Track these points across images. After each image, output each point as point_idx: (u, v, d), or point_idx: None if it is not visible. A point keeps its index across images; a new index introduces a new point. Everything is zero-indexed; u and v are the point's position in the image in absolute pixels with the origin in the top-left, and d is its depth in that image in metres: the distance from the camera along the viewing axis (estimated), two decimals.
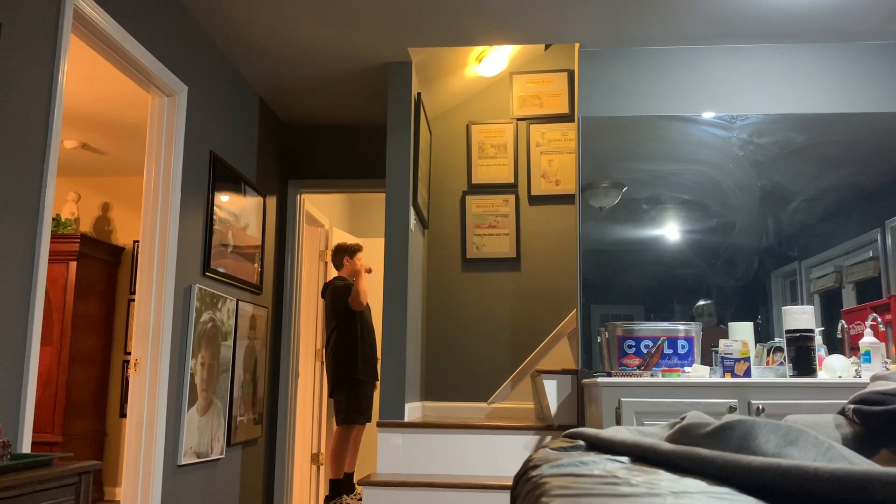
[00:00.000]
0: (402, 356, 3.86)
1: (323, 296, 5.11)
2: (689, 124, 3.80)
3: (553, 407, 3.68)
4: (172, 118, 3.38)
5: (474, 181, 4.82)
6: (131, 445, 3.19)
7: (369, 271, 4.95)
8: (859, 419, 1.71)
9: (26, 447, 2.34)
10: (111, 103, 4.53)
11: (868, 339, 3.15)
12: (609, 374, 3.33)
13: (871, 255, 3.57)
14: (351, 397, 4.73)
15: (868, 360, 3.12)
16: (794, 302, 3.60)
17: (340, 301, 4.83)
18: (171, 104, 3.38)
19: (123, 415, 5.68)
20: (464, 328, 4.68)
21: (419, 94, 4.28)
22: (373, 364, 4.85)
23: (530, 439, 3.62)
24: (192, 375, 3.50)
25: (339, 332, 4.83)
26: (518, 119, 4.88)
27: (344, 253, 5.03)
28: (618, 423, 3.01)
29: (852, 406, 1.75)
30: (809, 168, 3.72)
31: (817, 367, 3.10)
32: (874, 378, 1.97)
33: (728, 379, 3.09)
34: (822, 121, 3.74)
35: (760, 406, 2.97)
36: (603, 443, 1.64)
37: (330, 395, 4.87)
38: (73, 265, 5.36)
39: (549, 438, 3.59)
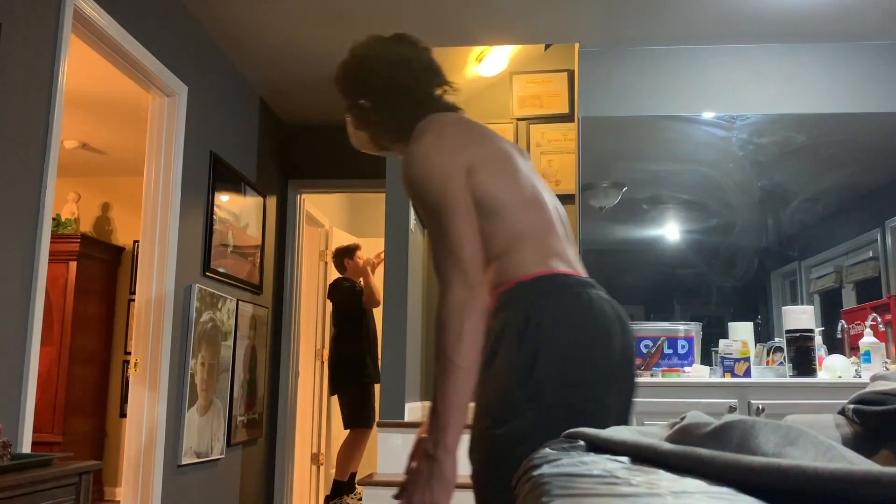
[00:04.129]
0: (402, 356, 3.86)
1: (330, 297, 5.09)
2: (689, 124, 3.80)
3: None
4: (172, 118, 3.38)
5: None
6: (131, 445, 3.18)
7: (375, 266, 4.88)
8: (859, 419, 1.71)
9: (26, 447, 2.34)
10: (111, 103, 4.53)
11: (868, 339, 3.15)
12: None
13: (871, 255, 3.57)
14: (363, 399, 4.72)
15: (868, 360, 3.12)
16: (794, 302, 3.60)
17: (347, 301, 4.82)
18: (171, 104, 3.38)
19: (123, 415, 5.68)
20: None
21: None
22: (378, 364, 4.84)
23: None
24: (192, 375, 3.50)
25: (347, 333, 4.81)
26: (518, 119, 4.88)
27: (343, 255, 5.02)
28: None
29: (852, 406, 1.74)
30: (809, 168, 3.72)
31: (817, 367, 3.10)
32: (874, 378, 1.97)
33: (728, 379, 3.09)
34: (822, 121, 3.74)
35: (760, 406, 2.97)
36: (603, 443, 1.64)
37: (333, 394, 4.86)
38: (73, 265, 5.36)
39: None
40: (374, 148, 1.65)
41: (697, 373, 3.19)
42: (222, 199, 3.89)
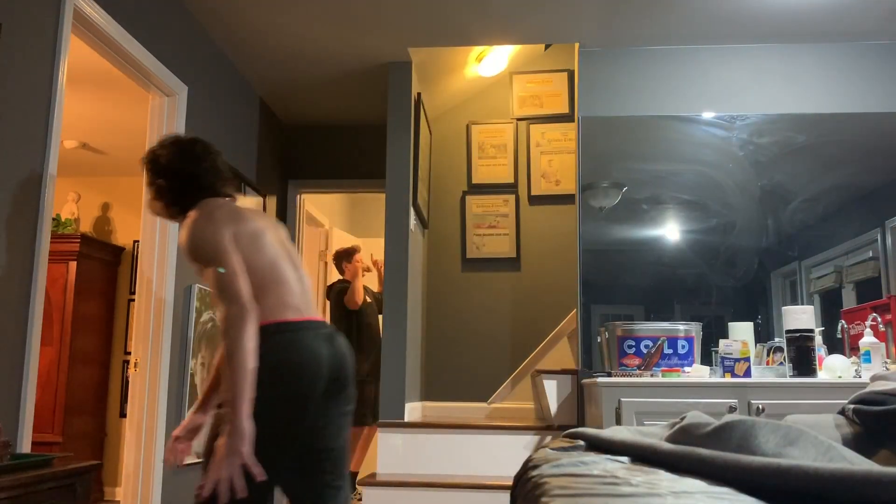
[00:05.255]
0: (402, 356, 3.86)
1: (327, 297, 5.16)
2: (689, 124, 3.80)
3: (553, 407, 3.68)
4: (172, 118, 3.38)
5: (474, 181, 4.82)
6: (131, 445, 3.19)
7: (367, 270, 4.99)
8: (859, 419, 1.71)
9: (26, 447, 2.34)
10: (111, 103, 4.53)
11: (868, 339, 3.15)
12: (609, 374, 3.33)
13: (871, 255, 3.57)
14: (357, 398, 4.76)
15: (868, 360, 3.12)
16: (794, 302, 3.60)
17: (333, 301, 4.92)
18: (171, 104, 3.38)
19: (123, 415, 5.68)
20: (464, 328, 4.68)
21: (419, 94, 4.28)
22: (374, 363, 4.87)
23: (530, 439, 3.62)
24: (192, 375, 3.50)
25: (342, 332, 4.88)
26: (518, 119, 4.88)
27: (342, 258, 5.09)
28: (618, 423, 3.01)
29: (852, 406, 1.75)
30: (809, 168, 3.72)
31: (817, 367, 3.10)
32: (874, 378, 1.97)
33: (728, 379, 3.09)
34: (822, 121, 3.74)
35: (760, 406, 2.97)
36: (603, 443, 1.64)
37: None
38: (73, 265, 5.36)
39: (549, 438, 3.59)
40: (165, 215, 2.18)
41: (697, 373, 3.19)
42: None
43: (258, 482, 1.84)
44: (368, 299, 5.02)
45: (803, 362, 3.08)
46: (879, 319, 3.35)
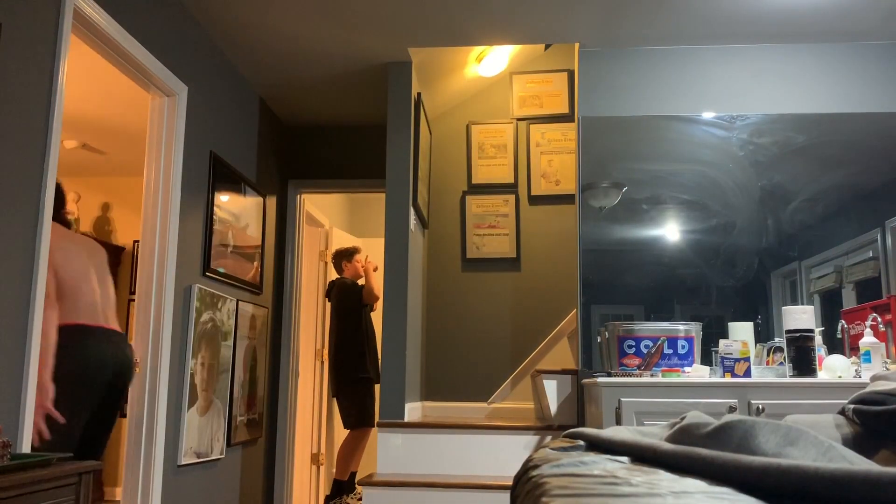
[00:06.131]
0: (402, 356, 3.86)
1: (328, 295, 5.15)
2: (689, 124, 3.80)
3: (553, 407, 3.68)
4: (172, 118, 3.38)
5: (474, 181, 4.82)
6: (131, 445, 3.18)
7: (375, 269, 5.02)
8: (859, 419, 1.71)
9: (26, 447, 2.34)
10: (111, 103, 4.53)
11: (868, 339, 3.15)
12: (609, 374, 3.33)
13: (871, 255, 3.57)
14: (363, 399, 4.76)
15: (868, 360, 3.12)
16: (794, 302, 3.60)
17: (348, 298, 4.88)
18: (171, 104, 3.38)
19: (123, 415, 5.67)
20: (464, 328, 4.68)
21: (419, 94, 4.28)
22: (377, 363, 4.89)
23: (530, 439, 3.62)
24: (192, 375, 3.50)
25: (347, 331, 4.86)
26: (518, 119, 4.88)
27: (342, 258, 5.11)
28: (618, 423, 3.01)
29: (852, 406, 1.75)
30: (809, 168, 3.72)
31: (817, 367, 3.10)
32: (874, 378, 1.97)
33: (728, 379, 3.09)
34: (822, 121, 3.74)
35: (760, 406, 2.97)
36: (603, 443, 1.64)
37: (335, 396, 4.88)
38: None
39: (549, 438, 3.59)
40: None
41: (697, 373, 3.19)
42: (222, 199, 3.89)
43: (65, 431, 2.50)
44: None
45: (803, 362, 3.08)
46: (879, 319, 3.35)
